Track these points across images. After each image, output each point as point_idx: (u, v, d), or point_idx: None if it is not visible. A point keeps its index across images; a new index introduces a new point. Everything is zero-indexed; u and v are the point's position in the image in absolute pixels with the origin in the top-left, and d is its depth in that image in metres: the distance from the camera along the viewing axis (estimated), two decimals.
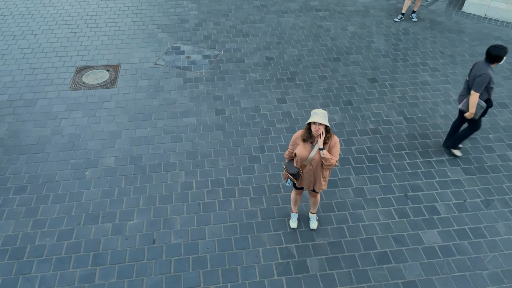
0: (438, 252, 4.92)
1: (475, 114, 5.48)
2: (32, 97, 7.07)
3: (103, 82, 7.43)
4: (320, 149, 4.11)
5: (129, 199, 5.45)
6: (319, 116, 3.97)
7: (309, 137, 4.19)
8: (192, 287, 4.54)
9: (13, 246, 4.90)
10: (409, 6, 9.75)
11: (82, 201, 5.41)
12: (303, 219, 5.23)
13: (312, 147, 4.21)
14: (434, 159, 6.07)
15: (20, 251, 4.85)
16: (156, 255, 4.84)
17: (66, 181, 5.65)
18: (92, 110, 6.78)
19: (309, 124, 4.09)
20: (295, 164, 4.43)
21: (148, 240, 4.99)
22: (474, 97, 5.32)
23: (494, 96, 7.23)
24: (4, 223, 5.14)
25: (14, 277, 4.60)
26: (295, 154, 4.34)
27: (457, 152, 6.09)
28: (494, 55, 5.23)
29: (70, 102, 6.94)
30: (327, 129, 4.11)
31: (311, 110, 6.81)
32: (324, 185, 4.52)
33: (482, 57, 8.17)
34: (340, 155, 6.09)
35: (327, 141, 4.15)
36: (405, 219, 5.27)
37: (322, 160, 4.17)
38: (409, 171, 5.89)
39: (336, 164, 4.23)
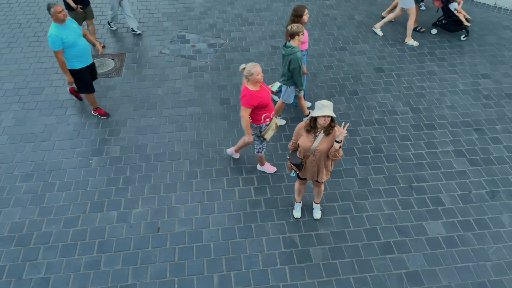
0: (442, 243, 4.92)
1: None
2: (38, 85, 7.10)
3: (108, 70, 7.43)
4: (337, 142, 4.09)
5: (134, 188, 5.48)
6: (328, 109, 3.99)
7: (312, 128, 4.19)
8: (196, 275, 4.59)
9: (20, 233, 4.97)
10: None
11: (88, 189, 5.46)
12: (307, 209, 5.25)
13: (315, 137, 4.21)
14: (440, 150, 6.03)
15: (26, 238, 4.92)
16: (161, 243, 4.89)
17: (71, 169, 5.70)
18: (97, 99, 6.78)
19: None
20: (298, 155, 4.43)
21: (152, 228, 5.04)
22: None
23: (502, 86, 7.15)
24: (11, 210, 5.21)
25: (20, 263, 4.68)
26: (298, 145, 4.34)
27: None
28: None
29: None
30: (332, 119, 4.11)
31: (316, 100, 6.78)
32: (327, 175, 4.52)
33: (491, 47, 8.06)
34: (344, 145, 6.07)
35: (330, 131, 4.15)
36: (409, 210, 5.26)
37: (336, 153, 4.15)
38: (414, 161, 5.86)
39: (341, 155, 4.22)
